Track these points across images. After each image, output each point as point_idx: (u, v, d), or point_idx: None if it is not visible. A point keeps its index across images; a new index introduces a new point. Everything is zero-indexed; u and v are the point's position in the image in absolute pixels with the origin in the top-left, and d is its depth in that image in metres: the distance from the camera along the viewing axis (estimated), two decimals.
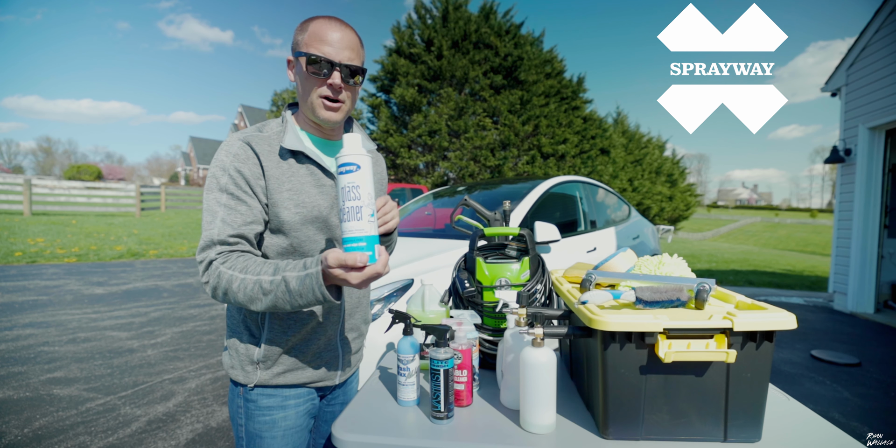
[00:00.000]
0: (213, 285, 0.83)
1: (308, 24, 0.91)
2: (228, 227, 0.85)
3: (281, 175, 0.90)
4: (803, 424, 0.85)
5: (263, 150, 0.90)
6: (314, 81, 0.90)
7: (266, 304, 0.81)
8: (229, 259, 0.84)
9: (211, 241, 0.84)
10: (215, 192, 0.87)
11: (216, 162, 0.89)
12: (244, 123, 40.45)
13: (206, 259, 0.84)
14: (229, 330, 0.99)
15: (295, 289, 0.78)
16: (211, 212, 0.86)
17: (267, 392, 0.96)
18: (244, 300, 0.81)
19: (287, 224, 0.91)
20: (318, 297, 0.77)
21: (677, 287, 0.81)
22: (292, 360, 0.96)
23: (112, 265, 6.96)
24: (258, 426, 0.96)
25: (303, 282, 0.77)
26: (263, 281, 0.80)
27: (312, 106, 0.92)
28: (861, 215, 5.32)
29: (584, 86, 14.94)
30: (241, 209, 0.87)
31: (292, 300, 0.79)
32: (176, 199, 17.84)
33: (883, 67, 4.97)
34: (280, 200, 0.90)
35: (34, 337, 3.52)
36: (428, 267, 2.25)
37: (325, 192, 0.96)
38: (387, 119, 13.58)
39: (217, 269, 0.82)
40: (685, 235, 30.42)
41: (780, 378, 3.17)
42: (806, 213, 64.06)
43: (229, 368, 0.98)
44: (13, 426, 2.21)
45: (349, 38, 0.90)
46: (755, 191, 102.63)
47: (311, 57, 0.87)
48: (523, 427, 0.83)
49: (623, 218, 4.33)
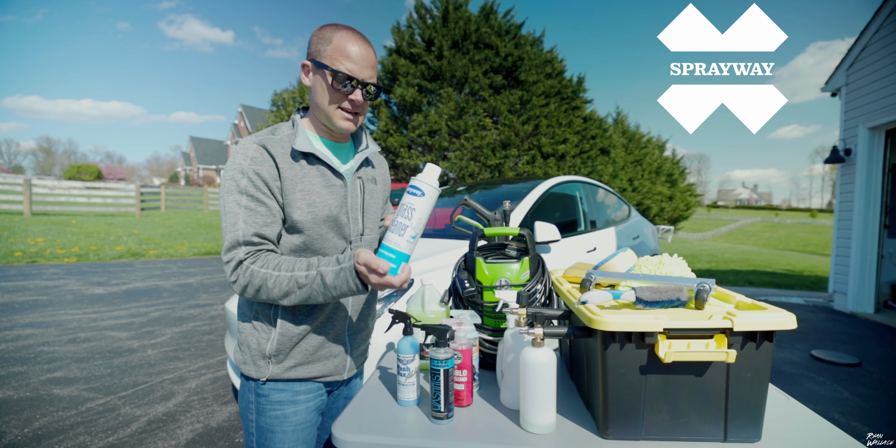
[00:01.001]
0: (244, 284, 0.87)
1: (332, 35, 0.93)
2: (251, 228, 0.89)
3: (294, 176, 0.94)
4: (803, 424, 0.85)
5: (278, 152, 0.93)
6: (337, 96, 0.94)
7: (300, 298, 0.87)
8: (259, 258, 0.88)
9: (236, 242, 0.88)
10: (235, 194, 0.90)
11: (233, 165, 0.92)
12: (244, 123, 40.42)
13: (235, 259, 0.88)
14: (242, 327, 1.02)
15: (330, 282, 0.86)
16: (232, 214, 0.90)
17: (279, 387, 0.99)
18: (278, 295, 0.87)
19: (300, 223, 0.94)
20: (351, 288, 0.86)
21: (677, 287, 0.81)
22: (303, 353, 0.99)
23: (112, 265, 6.96)
24: (269, 421, 0.98)
25: (338, 275, 0.85)
26: (299, 276, 0.86)
27: (330, 116, 0.96)
28: (861, 215, 5.31)
29: (584, 86, 14.93)
30: (261, 211, 0.90)
31: (326, 292, 0.87)
32: (176, 199, 17.83)
33: (883, 67, 4.97)
34: (293, 201, 0.93)
35: (34, 337, 3.52)
36: (428, 267, 2.25)
37: (334, 191, 0.99)
38: (387, 119, 13.58)
39: (248, 268, 0.87)
40: (685, 235, 30.42)
41: (780, 378, 3.17)
42: (806, 213, 64.06)
43: (241, 364, 1.00)
44: (13, 426, 2.21)
45: (371, 57, 0.96)
46: (755, 191, 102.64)
47: (337, 74, 0.92)
48: (523, 427, 0.83)
49: (623, 218, 4.33)
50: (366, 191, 1.08)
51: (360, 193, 1.06)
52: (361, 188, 1.06)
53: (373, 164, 1.14)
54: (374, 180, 1.12)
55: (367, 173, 1.10)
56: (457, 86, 13.57)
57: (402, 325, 1.00)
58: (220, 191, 0.95)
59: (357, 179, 1.05)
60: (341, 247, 1.02)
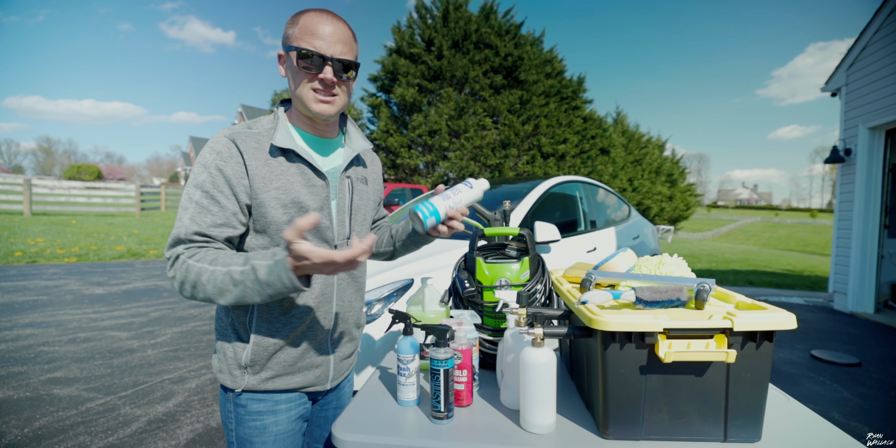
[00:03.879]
0: (181, 280, 0.80)
1: (299, 17, 0.88)
2: (195, 226, 0.83)
3: (268, 174, 0.88)
4: (803, 424, 0.85)
5: (249, 148, 0.87)
6: (305, 76, 0.88)
7: (235, 296, 0.78)
8: (198, 252, 0.81)
9: (178, 239, 0.83)
10: (191, 187, 0.85)
11: (199, 158, 0.87)
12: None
13: (174, 255, 0.82)
14: (217, 333, 0.96)
15: (263, 277, 0.76)
16: (183, 208, 0.85)
17: (257, 397, 0.94)
18: (213, 292, 0.79)
19: (274, 224, 0.88)
20: (285, 283, 0.76)
21: (677, 287, 0.81)
22: (281, 364, 0.93)
23: (112, 265, 6.96)
24: (248, 431, 0.94)
25: (271, 270, 0.75)
26: (234, 272, 0.77)
27: (304, 100, 0.89)
28: (861, 215, 5.31)
29: (584, 86, 14.95)
30: (212, 209, 0.84)
31: (262, 290, 0.77)
32: (176, 199, 17.82)
33: (883, 67, 4.97)
34: (266, 200, 0.87)
35: (34, 337, 3.52)
36: (428, 267, 2.25)
37: (315, 192, 0.92)
38: (387, 119, 13.58)
39: (185, 262, 0.80)
40: (685, 235, 30.42)
41: (780, 378, 3.17)
42: (806, 213, 64.07)
43: (218, 372, 0.95)
44: (13, 426, 2.21)
45: (341, 32, 0.88)
46: (755, 191, 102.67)
47: (301, 51, 0.85)
48: (523, 427, 0.83)
49: (623, 218, 4.33)
50: (355, 191, 1.01)
51: (349, 194, 0.99)
52: (350, 188, 0.99)
53: (364, 163, 1.08)
54: (364, 180, 1.05)
55: (358, 173, 1.03)
56: (457, 86, 13.57)
57: (402, 325, 0.99)
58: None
59: (346, 179, 0.99)
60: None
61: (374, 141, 13.73)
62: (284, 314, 0.92)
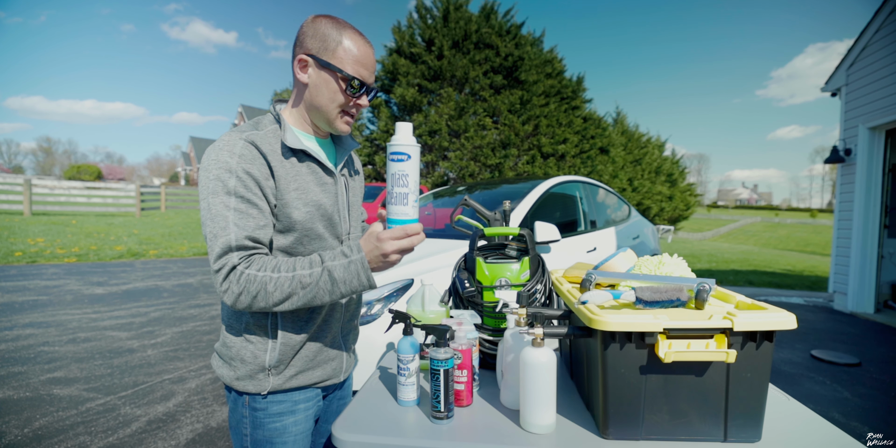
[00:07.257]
0: (238, 292, 0.79)
1: (338, 34, 0.87)
2: (243, 231, 0.81)
3: (286, 174, 0.88)
4: (803, 424, 0.85)
5: (268, 149, 0.87)
6: (343, 98, 0.90)
7: (303, 299, 0.82)
8: (254, 262, 0.81)
9: (228, 247, 0.80)
10: (222, 195, 0.82)
11: (219, 163, 0.83)
12: (244, 123, 40.39)
13: (228, 264, 0.79)
14: (230, 343, 0.94)
15: (340, 277, 0.81)
16: (221, 217, 0.81)
17: (277, 398, 0.94)
18: (278, 299, 0.80)
19: (298, 223, 0.90)
20: (362, 282, 0.82)
21: (677, 287, 0.81)
22: (303, 360, 0.96)
23: (112, 265, 6.96)
24: (268, 434, 0.94)
25: (347, 269, 0.81)
26: (302, 276, 0.80)
27: (331, 119, 0.92)
28: (861, 215, 5.31)
29: (584, 86, 14.94)
30: (252, 213, 0.83)
31: (334, 289, 0.82)
32: (176, 199, 17.83)
33: (883, 67, 4.97)
34: (290, 200, 0.88)
35: (34, 337, 3.52)
36: (428, 267, 2.25)
37: (326, 189, 0.96)
38: (387, 119, 13.57)
39: (243, 273, 0.79)
40: (685, 235, 30.42)
41: (780, 378, 3.16)
42: (806, 213, 64.08)
43: (233, 380, 0.93)
44: (13, 426, 2.21)
45: (374, 61, 0.94)
46: (755, 191, 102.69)
47: (353, 81, 0.89)
48: (523, 427, 0.83)
49: (623, 218, 4.33)
50: (349, 188, 1.04)
51: (346, 191, 1.03)
52: (346, 186, 1.03)
53: (353, 161, 1.11)
54: (354, 177, 1.09)
55: (349, 170, 1.07)
56: (457, 86, 13.57)
57: (402, 325, 0.99)
58: (201, 192, 0.84)
59: (342, 177, 1.02)
60: (335, 247, 0.98)
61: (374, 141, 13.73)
62: (309, 310, 0.94)
